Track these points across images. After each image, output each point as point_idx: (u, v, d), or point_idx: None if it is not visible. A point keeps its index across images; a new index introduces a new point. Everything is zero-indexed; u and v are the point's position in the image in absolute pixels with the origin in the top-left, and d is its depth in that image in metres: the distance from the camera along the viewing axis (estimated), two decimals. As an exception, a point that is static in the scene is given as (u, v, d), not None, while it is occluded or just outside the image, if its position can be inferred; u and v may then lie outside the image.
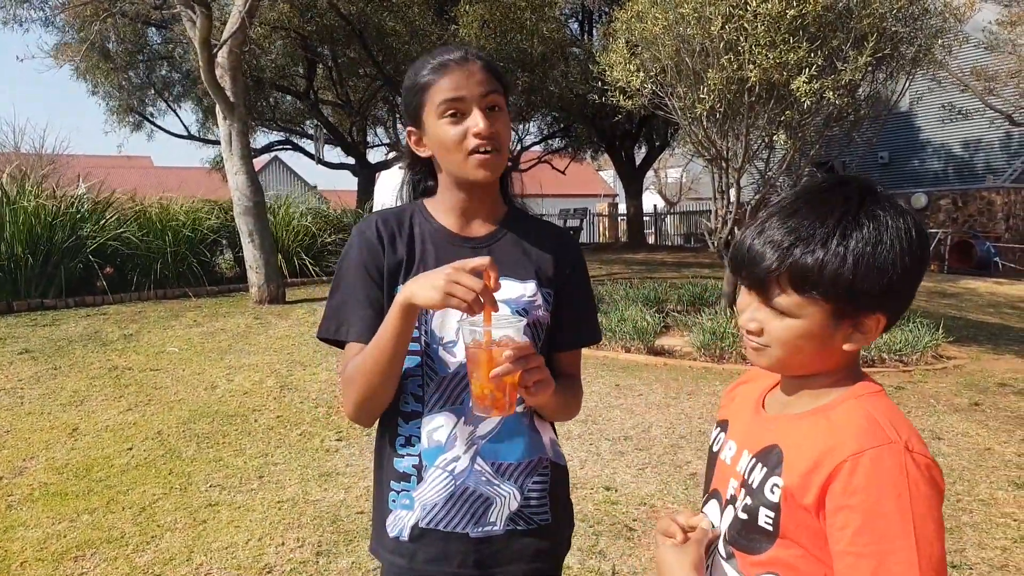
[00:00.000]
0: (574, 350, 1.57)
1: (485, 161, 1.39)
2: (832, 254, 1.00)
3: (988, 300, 11.97)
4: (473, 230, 1.49)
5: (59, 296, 8.79)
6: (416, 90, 1.42)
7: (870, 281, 1.01)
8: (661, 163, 28.40)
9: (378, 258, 1.45)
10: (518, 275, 1.46)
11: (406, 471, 1.44)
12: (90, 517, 3.63)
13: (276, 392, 5.55)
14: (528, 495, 1.45)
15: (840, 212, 1.03)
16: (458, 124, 1.38)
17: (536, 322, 1.45)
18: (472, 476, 1.41)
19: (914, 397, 5.73)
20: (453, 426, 1.41)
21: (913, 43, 7.11)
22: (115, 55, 16.06)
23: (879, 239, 1.01)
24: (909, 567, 0.92)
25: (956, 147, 18.98)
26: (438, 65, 1.40)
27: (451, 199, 1.48)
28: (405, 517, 1.44)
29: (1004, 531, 3.58)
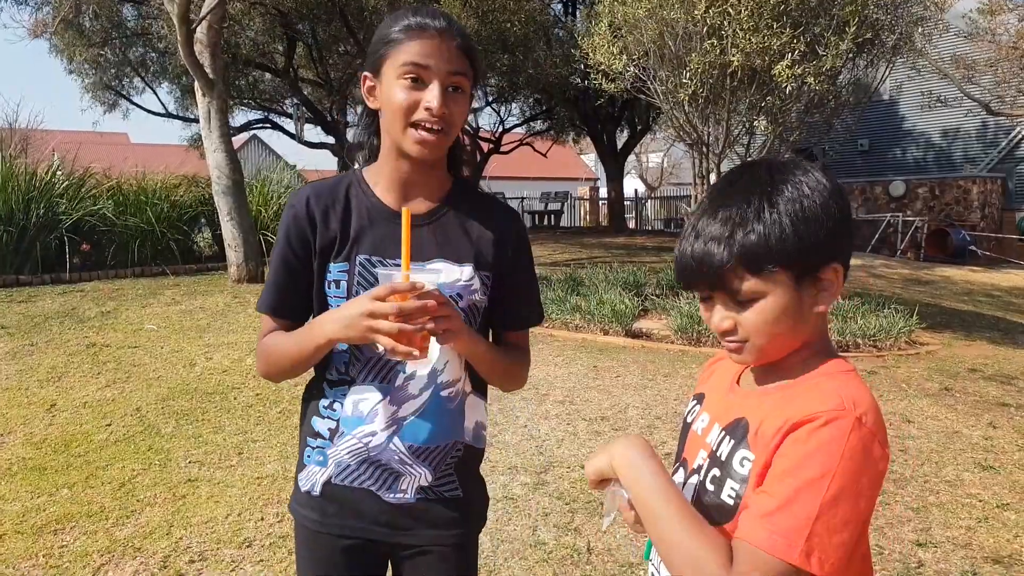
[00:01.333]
0: (520, 331, 1.56)
1: (424, 139, 1.33)
2: (770, 224, 1.03)
3: (963, 288, 12.17)
4: (414, 207, 1.40)
5: (35, 272, 8.71)
6: (386, 40, 1.36)
7: (812, 233, 1.04)
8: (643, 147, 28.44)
9: (304, 234, 1.42)
10: (456, 258, 1.43)
11: (321, 431, 1.45)
12: (69, 492, 3.63)
13: (255, 370, 5.55)
14: (441, 474, 1.46)
15: (759, 187, 1.06)
16: (413, 91, 1.32)
17: (472, 306, 1.43)
18: (385, 453, 1.41)
19: (886, 381, 5.84)
20: (377, 402, 1.40)
21: (894, 30, 7.18)
22: (90, 32, 15.77)
23: (802, 194, 1.05)
24: (805, 521, 0.94)
25: (935, 136, 19.18)
26: (417, 24, 1.33)
27: (391, 167, 1.42)
28: (318, 473, 1.46)
29: (969, 511, 3.68)
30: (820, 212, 1.05)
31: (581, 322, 7.19)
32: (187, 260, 10.10)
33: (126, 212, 9.73)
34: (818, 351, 1.11)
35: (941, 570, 3.13)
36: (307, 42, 16.39)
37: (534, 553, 3.13)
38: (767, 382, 1.14)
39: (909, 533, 3.42)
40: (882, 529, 3.45)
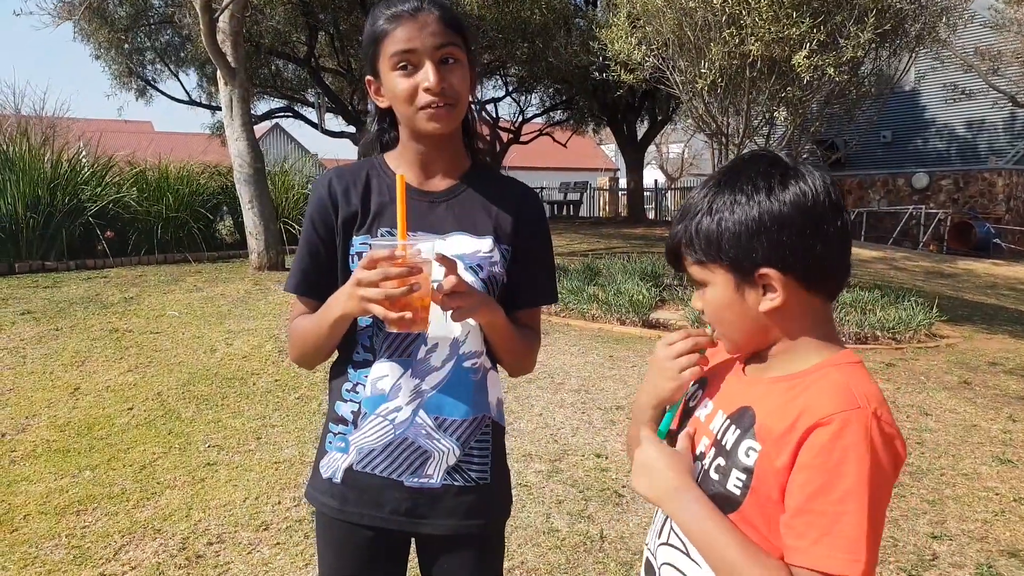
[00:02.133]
0: (531, 308, 1.56)
1: (435, 115, 1.36)
2: (714, 219, 1.08)
3: (986, 281, 12.03)
4: (433, 184, 1.47)
5: (60, 258, 8.83)
6: (372, 39, 1.39)
7: (750, 238, 1.06)
8: (663, 138, 28.30)
9: (327, 214, 1.45)
10: (475, 230, 1.45)
11: (344, 416, 1.46)
12: (91, 473, 3.71)
13: (274, 356, 5.62)
14: (469, 451, 1.45)
15: (739, 181, 1.09)
16: (409, 77, 1.35)
17: (491, 278, 1.45)
18: (412, 428, 1.41)
19: (904, 374, 5.80)
20: (399, 376, 1.41)
21: (918, 20, 7.08)
22: (116, 19, 15.92)
23: (738, 198, 1.07)
24: (858, 530, 0.96)
25: (959, 127, 18.92)
26: (392, 15, 1.36)
27: (411, 151, 1.46)
28: (339, 459, 1.46)
29: (986, 504, 3.66)
30: (746, 218, 1.06)
31: (598, 312, 7.19)
32: (209, 247, 10.20)
33: (149, 199, 9.85)
34: (821, 341, 1.11)
35: (956, 563, 3.12)
36: (328, 32, 16.44)
37: (547, 540, 3.16)
38: (773, 371, 1.14)
39: (924, 526, 3.41)
40: (897, 521, 3.44)
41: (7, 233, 8.55)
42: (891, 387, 5.43)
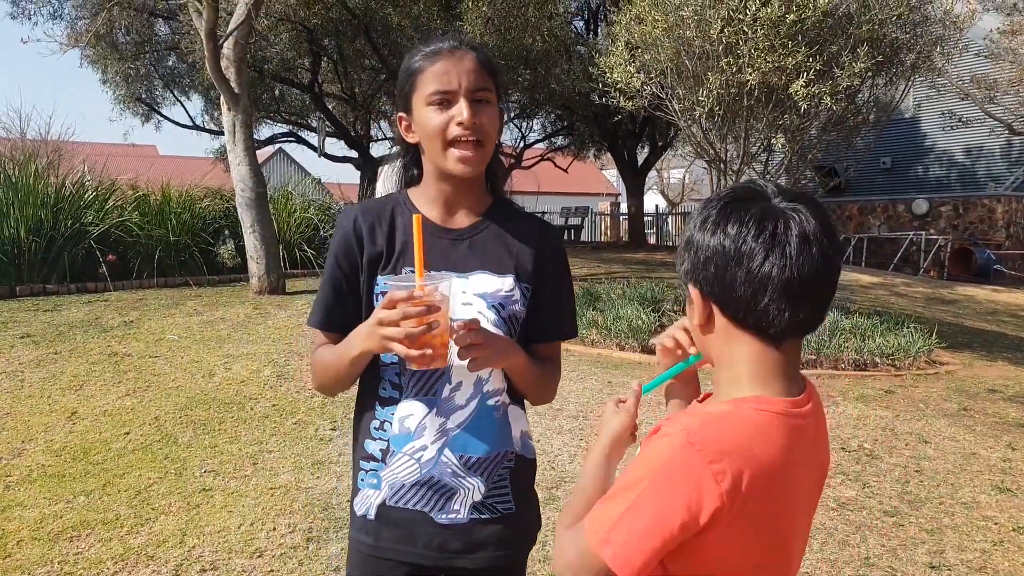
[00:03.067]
0: (552, 343, 1.59)
1: (465, 157, 1.40)
2: (691, 241, 1.10)
3: (986, 307, 12.02)
4: (455, 221, 1.50)
5: (61, 282, 8.87)
6: (407, 76, 1.44)
7: (682, 256, 1.11)
8: (664, 163, 28.42)
9: (351, 251, 1.48)
10: (497, 269, 1.48)
11: (374, 454, 1.48)
12: (86, 499, 3.70)
13: (272, 381, 5.62)
14: (493, 486, 1.48)
15: (735, 209, 1.08)
16: (443, 112, 1.39)
17: (512, 316, 1.48)
18: (438, 467, 1.44)
19: (903, 401, 5.79)
20: (424, 416, 1.44)
21: (913, 50, 7.16)
22: (122, 45, 16.12)
23: (694, 224, 1.09)
24: (617, 513, 1.01)
25: (958, 154, 19.02)
26: (430, 53, 1.42)
27: (434, 189, 1.50)
28: (372, 496, 1.48)
29: (984, 534, 3.64)
30: (694, 241, 1.08)
31: (597, 337, 7.19)
32: (210, 271, 10.23)
33: (151, 223, 9.90)
34: (739, 381, 1.08)
35: (953, 593, 3.10)
36: (332, 58, 16.62)
37: (543, 569, 3.15)
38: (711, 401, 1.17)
39: (923, 555, 3.39)
40: (895, 551, 3.42)
41: (9, 256, 8.59)
42: (890, 414, 5.42)
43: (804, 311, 1.03)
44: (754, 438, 1.02)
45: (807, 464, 1.09)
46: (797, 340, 1.08)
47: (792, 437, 1.04)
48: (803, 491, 1.10)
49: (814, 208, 1.05)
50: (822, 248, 1.02)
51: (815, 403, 1.12)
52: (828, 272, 1.04)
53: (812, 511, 1.17)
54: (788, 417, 1.05)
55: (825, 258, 1.03)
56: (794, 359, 1.09)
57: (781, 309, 1.02)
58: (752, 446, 1.01)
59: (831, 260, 1.04)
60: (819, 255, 1.02)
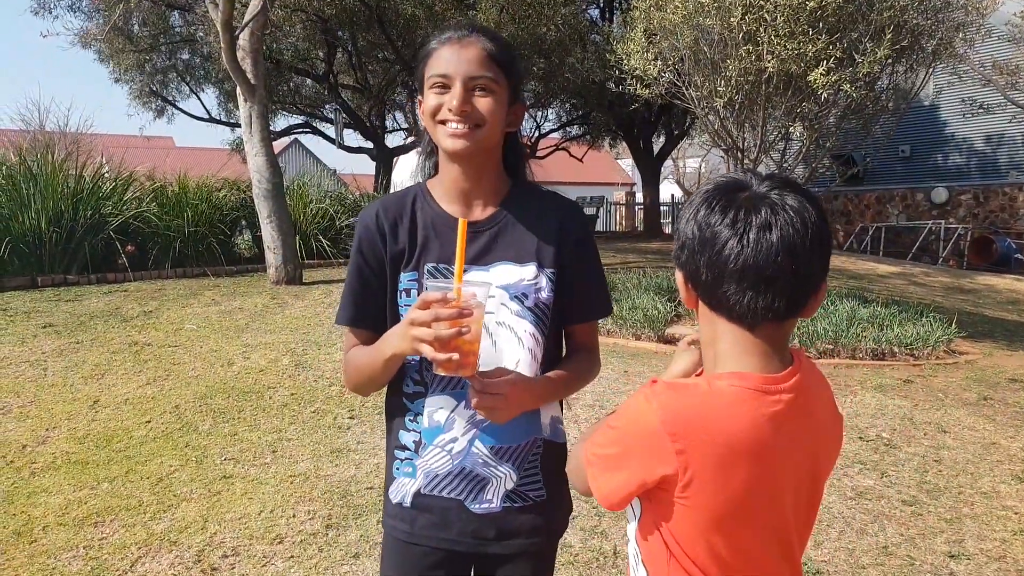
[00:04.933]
0: (587, 323, 1.59)
1: (453, 132, 1.40)
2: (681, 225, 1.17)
3: (1007, 297, 11.89)
4: (474, 214, 1.49)
5: (82, 272, 8.96)
6: (421, 59, 1.48)
7: (680, 245, 1.13)
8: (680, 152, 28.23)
9: (376, 249, 1.50)
10: (518, 258, 1.48)
11: (407, 444, 1.51)
12: (110, 485, 3.75)
13: (291, 370, 5.66)
14: (525, 474, 1.50)
15: (724, 197, 1.12)
16: (440, 96, 1.41)
17: (538, 305, 1.47)
18: (469, 458, 1.46)
19: (922, 391, 5.75)
20: (452, 409, 1.46)
21: (934, 36, 7.07)
22: (138, 38, 16.20)
23: (702, 214, 1.09)
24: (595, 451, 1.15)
25: (979, 142, 18.76)
26: (442, 39, 1.44)
27: (448, 175, 1.50)
28: (408, 484, 1.50)
29: (1004, 524, 3.62)
30: (681, 231, 1.12)
31: (613, 327, 7.19)
32: (228, 261, 10.30)
33: (169, 214, 9.97)
34: (719, 359, 1.12)
35: (972, 582, 3.09)
36: (347, 49, 16.62)
37: (561, 556, 3.16)
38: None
39: (942, 544, 3.38)
40: (914, 540, 3.41)
41: (30, 247, 8.69)
42: (908, 404, 5.39)
43: (765, 298, 1.04)
44: (721, 412, 1.05)
45: (794, 437, 1.09)
46: (775, 323, 1.08)
47: (767, 412, 1.05)
48: (789, 465, 1.10)
49: (795, 197, 1.05)
50: (785, 237, 1.02)
51: (806, 379, 1.11)
52: (792, 260, 1.02)
53: (812, 487, 1.16)
54: (761, 392, 1.06)
55: (787, 247, 1.02)
56: (774, 341, 1.09)
57: (741, 295, 1.04)
58: (719, 419, 1.04)
59: (795, 249, 1.02)
60: (779, 244, 1.01)
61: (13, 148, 10.60)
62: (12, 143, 12.11)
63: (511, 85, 1.46)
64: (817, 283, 1.07)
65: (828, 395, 1.20)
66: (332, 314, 7.51)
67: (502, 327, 1.45)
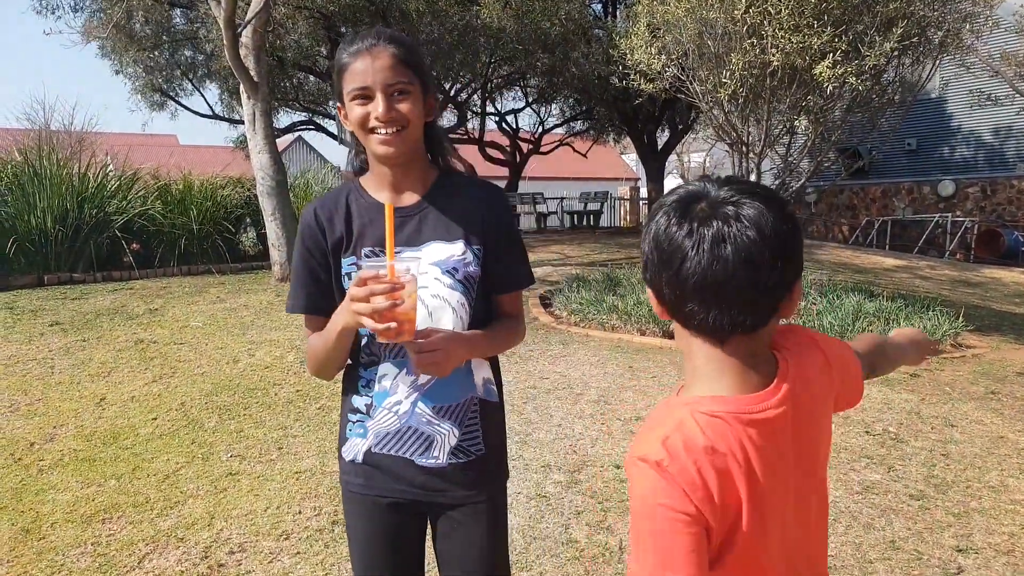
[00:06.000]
0: (510, 293, 1.72)
1: (385, 140, 1.53)
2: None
3: (1014, 290, 11.84)
4: (403, 200, 1.63)
5: (87, 270, 8.98)
6: (337, 71, 1.57)
7: (644, 252, 1.08)
8: (684, 147, 28.16)
9: (317, 240, 1.62)
10: (446, 236, 1.62)
11: (359, 407, 1.66)
12: (117, 482, 3.76)
13: (296, 367, 5.67)
14: (465, 430, 1.64)
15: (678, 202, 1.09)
16: (364, 106, 1.52)
17: (468, 278, 1.62)
18: (414, 417, 1.61)
19: (929, 385, 5.73)
20: (396, 375, 1.61)
21: (941, 27, 7.02)
22: (141, 36, 16.20)
23: (660, 222, 1.04)
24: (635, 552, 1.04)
25: (986, 134, 18.65)
26: (353, 51, 1.54)
27: (378, 170, 1.63)
28: (359, 444, 1.66)
29: (1012, 518, 3.60)
30: (650, 243, 1.05)
31: (618, 322, 7.18)
32: (232, 259, 10.32)
33: (174, 212, 9.99)
34: (697, 375, 1.08)
35: (981, 576, 3.07)
36: (350, 45, 16.56)
37: (566, 551, 3.16)
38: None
39: (950, 539, 3.37)
40: (921, 534, 3.40)
41: (36, 246, 8.71)
42: (915, 398, 5.37)
43: (729, 314, 1.00)
44: (711, 441, 1.01)
45: (781, 451, 1.05)
46: (747, 335, 1.03)
47: (749, 433, 1.02)
48: (777, 477, 1.05)
49: (752, 204, 0.99)
50: (740, 249, 0.97)
51: (792, 391, 1.06)
52: (749, 272, 0.97)
53: (804, 492, 1.12)
54: (741, 416, 1.02)
55: (743, 260, 0.97)
56: (749, 353, 1.05)
57: (705, 312, 1.01)
58: (706, 452, 1.00)
59: (753, 260, 0.97)
60: (734, 257, 0.97)
61: (18, 147, 10.63)
62: (17, 142, 12.14)
63: (422, 81, 1.57)
64: (787, 288, 1.02)
65: (819, 362, 1.15)
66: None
67: (436, 299, 1.59)
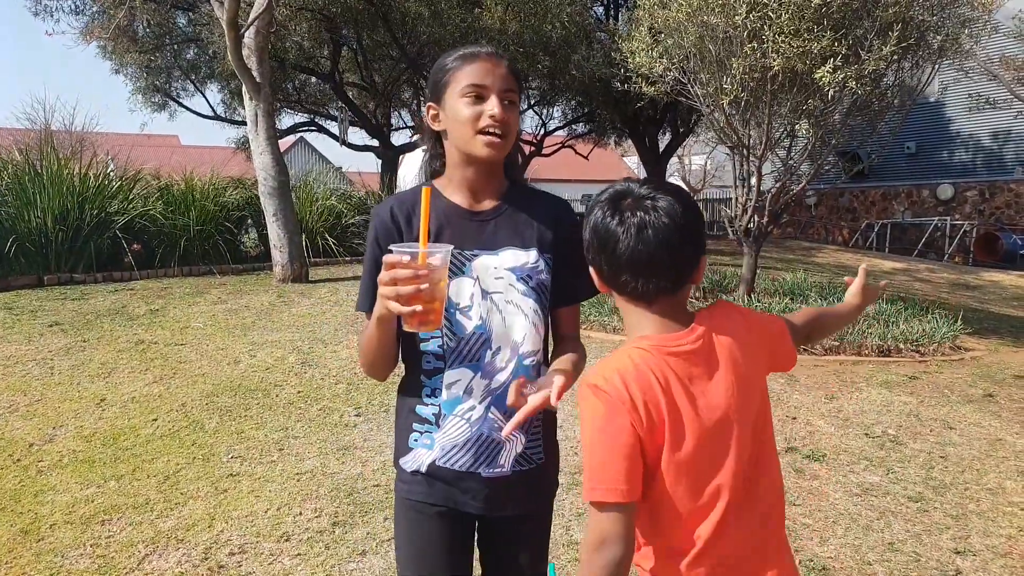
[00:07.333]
0: (572, 305, 1.75)
1: (492, 142, 1.56)
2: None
3: (1012, 293, 11.86)
4: (482, 205, 1.67)
5: (88, 271, 8.99)
6: (445, 70, 1.60)
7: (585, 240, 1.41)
8: (686, 150, 28.19)
9: (393, 238, 1.62)
10: (521, 243, 1.65)
11: (427, 417, 1.64)
12: (117, 484, 3.77)
13: (297, 368, 5.68)
14: (530, 438, 1.66)
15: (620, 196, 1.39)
16: (475, 105, 1.55)
17: (540, 285, 1.65)
18: (486, 423, 1.60)
19: (928, 387, 5.74)
20: (470, 380, 1.61)
21: (940, 32, 7.03)
22: (142, 39, 16.22)
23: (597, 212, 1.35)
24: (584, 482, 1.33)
25: (985, 138, 18.67)
26: (469, 54, 1.59)
27: (459, 175, 1.65)
28: (424, 455, 1.64)
29: (1010, 520, 3.61)
30: (589, 232, 1.36)
31: (619, 323, 7.19)
32: (234, 260, 10.32)
33: (175, 213, 9.99)
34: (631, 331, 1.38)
35: (978, 579, 3.08)
36: (352, 47, 16.61)
37: (567, 552, 3.17)
38: None
39: (948, 541, 3.38)
40: (919, 536, 3.41)
41: (37, 246, 8.72)
42: (914, 400, 5.38)
43: (653, 281, 1.31)
44: (638, 366, 1.29)
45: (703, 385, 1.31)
46: (668, 296, 1.33)
47: (668, 361, 1.30)
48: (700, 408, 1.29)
49: (665, 198, 1.30)
50: (658, 232, 1.28)
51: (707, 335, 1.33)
52: (666, 250, 1.28)
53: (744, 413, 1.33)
54: (662, 348, 1.31)
55: (661, 240, 1.28)
56: (671, 309, 1.34)
57: (635, 281, 1.31)
58: (635, 372, 1.28)
59: (669, 240, 1.28)
60: (654, 238, 1.28)
61: (19, 147, 10.64)
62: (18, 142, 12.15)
63: (520, 97, 1.65)
64: (695, 260, 1.33)
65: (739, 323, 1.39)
66: (338, 312, 7.53)
67: (511, 305, 1.61)
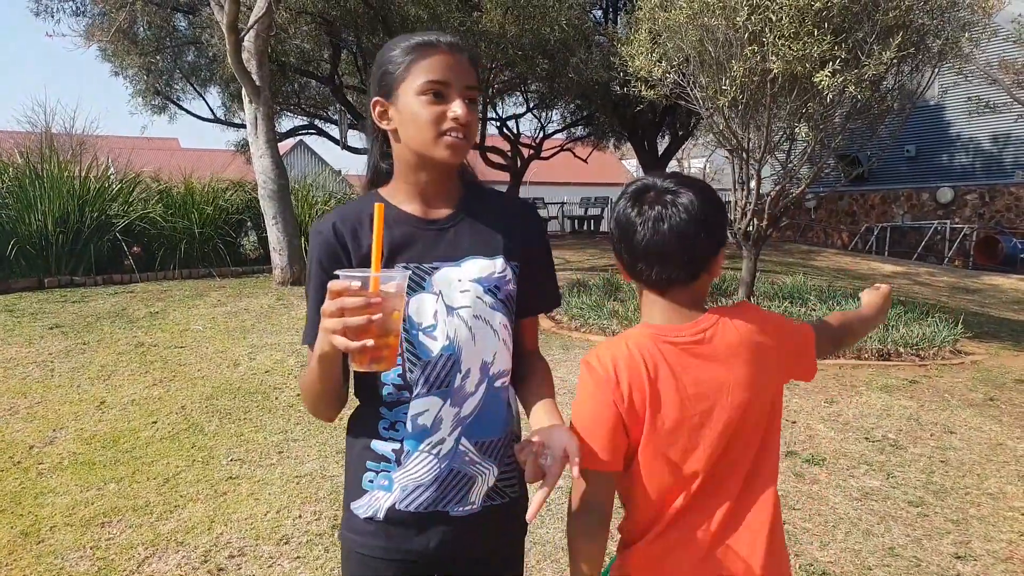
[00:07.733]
0: (534, 316, 1.59)
1: (455, 144, 1.38)
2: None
3: (1013, 297, 11.85)
4: (436, 212, 1.47)
5: (88, 273, 8.99)
6: (396, 63, 1.40)
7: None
8: (685, 153, 28.20)
9: (338, 258, 1.42)
10: (486, 252, 1.46)
11: (385, 455, 1.43)
12: (116, 486, 3.76)
13: (297, 371, 5.67)
14: (504, 469, 1.48)
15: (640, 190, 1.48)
16: (437, 105, 1.36)
17: (508, 297, 1.47)
18: (456, 457, 1.42)
19: (928, 391, 5.74)
20: (439, 409, 1.41)
21: (940, 36, 7.04)
22: (143, 41, 16.23)
23: (620, 205, 1.44)
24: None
25: (984, 141, 18.68)
26: (426, 44, 1.38)
27: (412, 180, 1.46)
28: (382, 498, 1.43)
29: (1011, 525, 3.61)
30: (613, 221, 1.47)
31: (618, 327, 7.18)
32: (233, 263, 10.33)
33: (175, 215, 10.00)
34: (645, 317, 1.45)
35: (979, 583, 3.08)
36: (351, 50, 16.61)
37: (566, 556, 3.16)
38: None
39: (948, 546, 3.37)
40: (920, 541, 3.40)
41: (37, 248, 8.72)
42: (914, 404, 5.37)
43: (667, 270, 1.37)
44: (631, 350, 1.36)
45: (700, 367, 1.36)
46: (682, 287, 1.40)
47: (663, 349, 1.36)
48: (698, 386, 1.35)
49: (686, 193, 1.36)
50: (674, 226, 1.34)
51: (712, 332, 1.39)
52: (680, 242, 1.35)
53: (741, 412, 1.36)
54: (660, 337, 1.38)
55: (677, 233, 1.34)
56: (684, 300, 1.41)
57: (650, 269, 1.38)
58: (627, 355, 1.36)
59: (684, 234, 1.34)
60: (669, 231, 1.34)
61: (19, 150, 10.64)
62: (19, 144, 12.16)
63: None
64: (712, 254, 1.39)
65: (757, 324, 1.43)
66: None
67: (479, 320, 1.42)
